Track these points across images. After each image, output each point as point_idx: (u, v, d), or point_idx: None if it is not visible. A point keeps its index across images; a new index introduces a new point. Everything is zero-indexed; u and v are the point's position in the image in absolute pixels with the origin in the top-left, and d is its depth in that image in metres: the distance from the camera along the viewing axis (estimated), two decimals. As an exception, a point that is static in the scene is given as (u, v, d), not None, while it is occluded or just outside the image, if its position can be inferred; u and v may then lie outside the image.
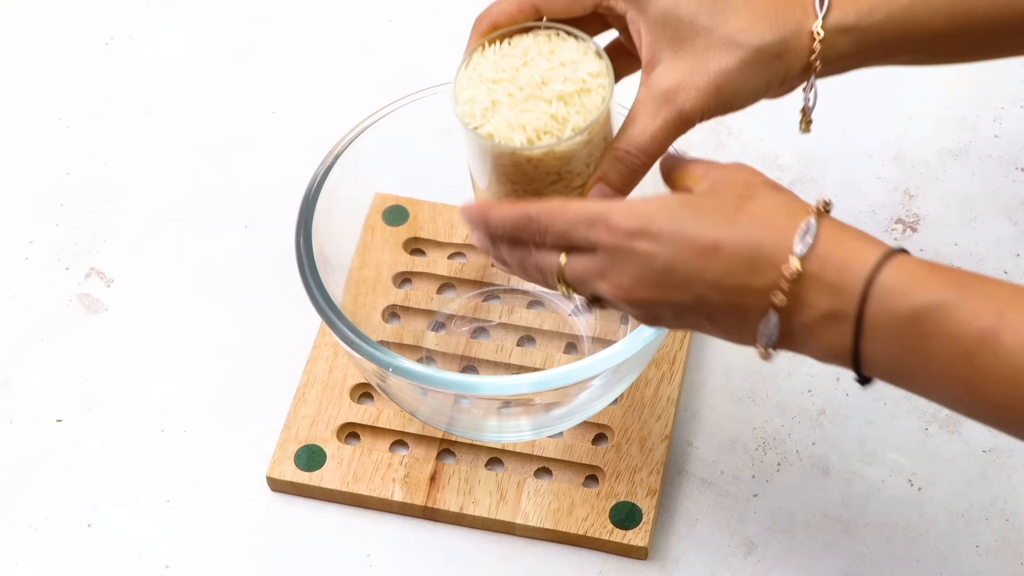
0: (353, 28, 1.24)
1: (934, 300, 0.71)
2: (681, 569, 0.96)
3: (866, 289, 0.72)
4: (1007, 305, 0.71)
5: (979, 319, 0.70)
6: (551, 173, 0.81)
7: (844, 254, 0.73)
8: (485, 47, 0.83)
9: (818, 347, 0.75)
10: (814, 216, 0.74)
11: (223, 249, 1.11)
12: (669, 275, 0.75)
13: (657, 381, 1.02)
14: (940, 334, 0.71)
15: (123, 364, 1.06)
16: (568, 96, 0.80)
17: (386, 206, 1.09)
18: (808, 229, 0.74)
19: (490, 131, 0.80)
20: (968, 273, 0.73)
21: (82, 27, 1.25)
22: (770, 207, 0.75)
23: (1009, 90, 1.18)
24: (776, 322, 0.74)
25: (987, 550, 0.96)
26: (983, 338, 0.70)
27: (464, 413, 0.98)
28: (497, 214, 0.80)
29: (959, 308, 0.71)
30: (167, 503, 1.00)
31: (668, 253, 0.75)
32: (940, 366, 0.72)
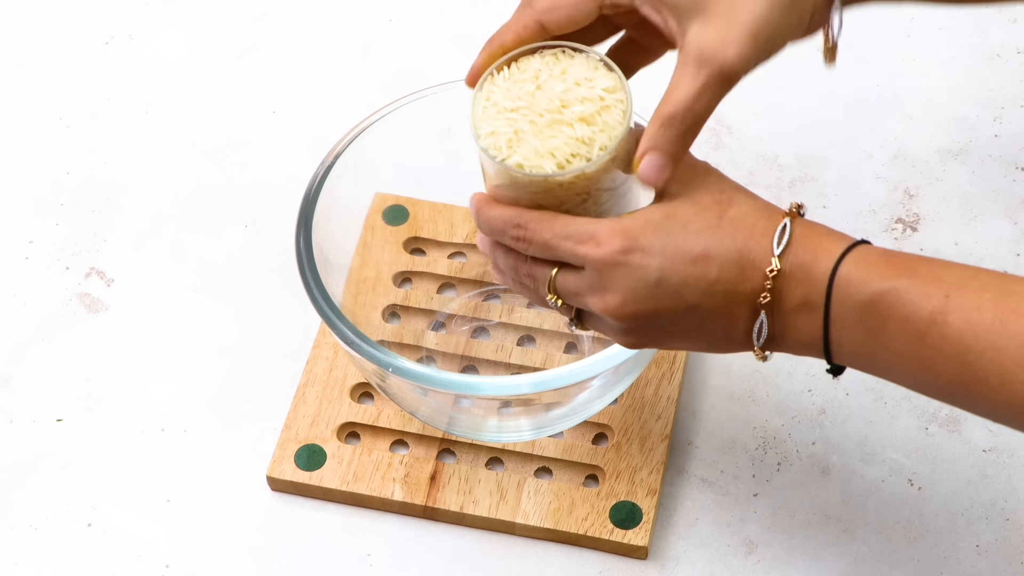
0: (353, 28, 1.24)
1: (888, 286, 0.75)
2: (681, 569, 0.96)
3: (831, 280, 0.76)
4: (954, 287, 0.74)
5: (928, 301, 0.74)
6: (580, 193, 0.81)
7: (814, 248, 0.77)
8: (494, 75, 0.83)
9: (795, 339, 0.78)
10: (788, 218, 0.78)
11: (223, 249, 1.12)
12: (662, 285, 0.78)
13: (657, 381, 1.02)
14: (894, 317, 0.75)
15: (123, 363, 1.06)
16: (589, 116, 0.81)
17: (386, 206, 1.09)
18: (784, 231, 0.77)
19: (519, 161, 0.80)
20: (921, 258, 0.76)
21: (82, 27, 1.25)
22: (749, 213, 0.79)
23: (1009, 90, 1.18)
24: (765, 322, 0.78)
25: (987, 550, 0.96)
26: (932, 319, 0.74)
27: (464, 413, 0.98)
28: (490, 211, 0.81)
29: (910, 292, 0.75)
30: (167, 502, 1.00)
31: (660, 264, 0.78)
32: (897, 348, 0.75)
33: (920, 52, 1.20)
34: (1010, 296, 0.73)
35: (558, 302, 0.81)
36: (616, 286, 0.78)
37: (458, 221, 1.09)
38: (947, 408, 1.02)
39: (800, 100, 1.18)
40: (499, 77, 0.83)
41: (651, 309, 0.78)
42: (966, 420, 1.01)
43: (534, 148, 0.80)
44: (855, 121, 1.16)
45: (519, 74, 0.82)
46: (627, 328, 0.80)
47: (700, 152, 1.15)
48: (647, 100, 0.85)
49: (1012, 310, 0.72)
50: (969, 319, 0.73)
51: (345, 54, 1.23)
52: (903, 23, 1.22)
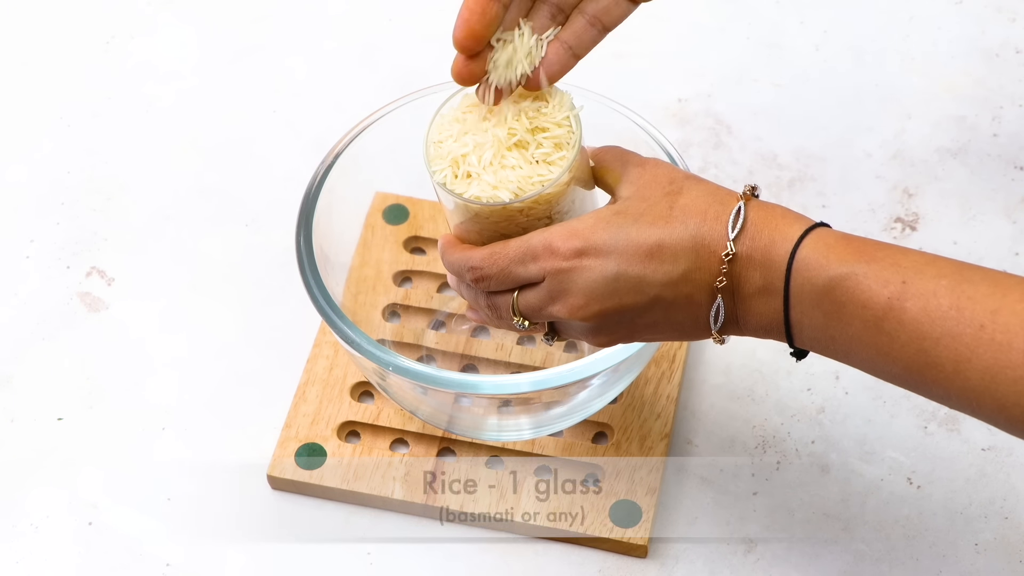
0: (353, 27, 1.24)
1: (846, 271, 0.75)
2: (681, 567, 0.96)
3: (790, 263, 0.76)
4: (911, 274, 0.74)
5: (886, 287, 0.74)
6: (543, 218, 0.83)
7: (771, 232, 0.77)
8: (442, 109, 0.84)
9: (756, 322, 0.79)
10: (742, 201, 0.78)
11: (224, 248, 1.12)
12: (620, 281, 0.78)
13: (657, 380, 1.02)
14: (851, 302, 0.75)
15: (124, 362, 1.06)
16: (541, 139, 0.81)
17: (386, 205, 1.09)
18: (738, 214, 0.77)
19: (476, 194, 0.81)
20: (879, 243, 0.77)
21: (83, 26, 1.25)
22: (699, 198, 0.79)
23: (1008, 89, 1.18)
24: (722, 305, 0.78)
25: (986, 548, 0.96)
26: (889, 305, 0.74)
27: (464, 412, 0.98)
28: (447, 256, 0.84)
29: (867, 277, 0.75)
30: (168, 501, 1.00)
31: (615, 261, 0.78)
32: (854, 333, 0.76)
33: (919, 52, 1.21)
34: (966, 283, 0.73)
35: (525, 323, 0.82)
36: (576, 288, 0.79)
37: (458, 220, 1.09)
38: (946, 407, 1.02)
39: (799, 99, 1.18)
40: (448, 108, 0.83)
41: (615, 306, 0.79)
42: (965, 419, 1.01)
43: (489, 180, 0.81)
44: (854, 120, 1.17)
45: (469, 103, 0.83)
46: (596, 328, 0.81)
47: (700, 152, 1.15)
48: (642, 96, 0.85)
49: (968, 297, 0.72)
50: (926, 306, 0.73)
51: (345, 54, 1.23)
52: (902, 23, 1.22)
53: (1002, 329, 0.71)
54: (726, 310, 0.78)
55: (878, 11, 1.23)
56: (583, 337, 0.82)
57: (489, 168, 0.81)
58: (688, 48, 1.15)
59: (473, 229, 0.83)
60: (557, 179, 0.81)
